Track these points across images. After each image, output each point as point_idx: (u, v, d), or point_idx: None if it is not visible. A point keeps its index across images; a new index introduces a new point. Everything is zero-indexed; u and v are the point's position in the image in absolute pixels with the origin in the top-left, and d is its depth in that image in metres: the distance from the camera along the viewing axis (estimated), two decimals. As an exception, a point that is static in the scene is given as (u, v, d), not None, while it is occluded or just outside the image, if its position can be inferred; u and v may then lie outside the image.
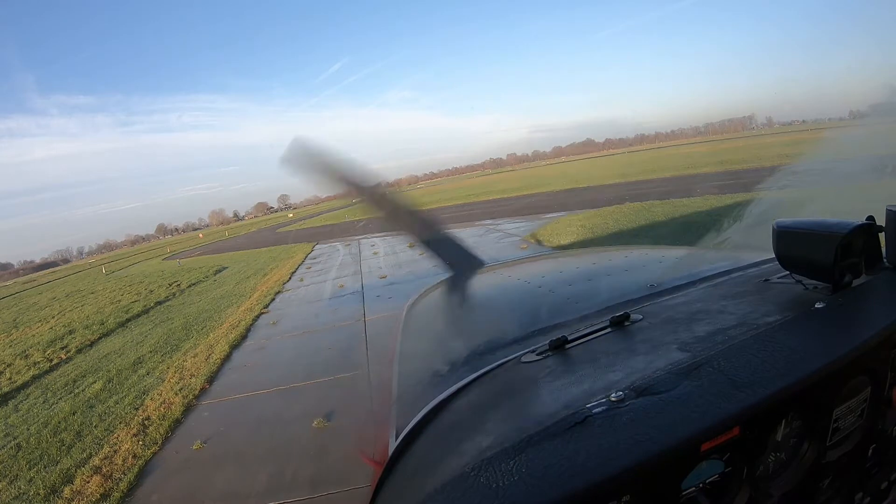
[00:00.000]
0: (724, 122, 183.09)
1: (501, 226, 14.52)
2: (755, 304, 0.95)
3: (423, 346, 1.48)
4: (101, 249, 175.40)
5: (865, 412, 0.78)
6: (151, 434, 4.33)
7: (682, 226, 9.40)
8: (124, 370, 6.66)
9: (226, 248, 31.21)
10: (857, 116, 3.28)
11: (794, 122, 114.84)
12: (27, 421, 5.44)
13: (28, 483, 3.90)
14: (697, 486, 0.64)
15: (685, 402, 0.65)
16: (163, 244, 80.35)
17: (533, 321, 1.20)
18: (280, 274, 12.92)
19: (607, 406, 0.67)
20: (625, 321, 0.99)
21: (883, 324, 0.78)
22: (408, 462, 0.80)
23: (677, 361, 0.76)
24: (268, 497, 3.13)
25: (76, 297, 18.25)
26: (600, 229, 10.63)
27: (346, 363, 5.16)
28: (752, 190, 8.86)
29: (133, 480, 3.65)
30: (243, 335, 7.22)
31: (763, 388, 0.66)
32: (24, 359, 8.61)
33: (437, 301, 1.86)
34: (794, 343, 0.75)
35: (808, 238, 0.91)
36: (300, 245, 20.84)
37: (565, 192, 22.77)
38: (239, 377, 5.60)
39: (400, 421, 0.94)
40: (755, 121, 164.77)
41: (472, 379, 0.93)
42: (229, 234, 56.10)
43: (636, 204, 13.46)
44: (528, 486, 0.56)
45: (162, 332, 8.60)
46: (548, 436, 0.64)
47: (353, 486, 3.01)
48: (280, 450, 3.70)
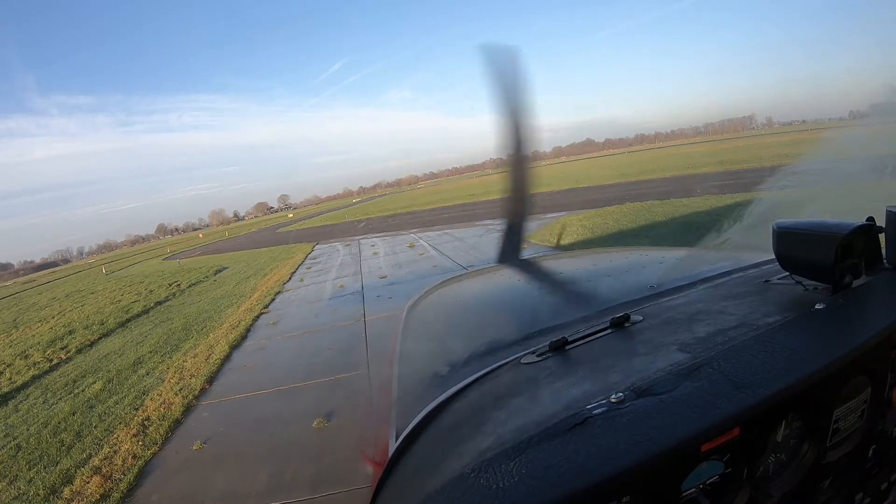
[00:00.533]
0: (724, 122, 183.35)
1: (502, 226, 14.49)
2: (755, 304, 0.95)
3: (423, 346, 1.48)
4: (101, 249, 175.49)
5: (866, 413, 0.78)
6: (151, 434, 4.33)
7: (682, 226, 9.40)
8: (124, 370, 6.67)
9: (226, 248, 31.23)
10: (857, 116, 3.28)
11: (794, 122, 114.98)
12: (27, 421, 5.44)
13: (28, 483, 3.90)
14: (697, 487, 0.64)
15: (685, 403, 0.65)
16: (163, 244, 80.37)
17: (533, 322, 1.19)
18: (280, 274, 12.92)
19: (607, 407, 0.67)
20: (625, 322, 0.99)
21: (883, 324, 0.78)
22: (408, 463, 0.80)
23: (677, 362, 0.76)
24: (268, 497, 3.13)
25: (76, 297, 18.25)
26: (600, 229, 10.63)
27: (346, 363, 5.16)
28: (751, 190, 8.87)
29: (133, 481, 3.65)
30: (243, 335, 7.22)
31: (763, 388, 0.66)
32: (23, 359, 8.61)
33: (437, 301, 1.86)
34: (794, 344, 0.75)
35: (808, 238, 0.91)
36: (300, 245, 20.84)
37: (565, 192, 22.76)
38: (239, 377, 5.60)
39: (400, 421, 0.94)
40: (755, 121, 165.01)
41: (473, 380, 0.93)
42: (229, 234, 56.12)
43: (636, 204, 13.46)
44: (528, 486, 0.56)
45: (162, 333, 8.60)
46: (548, 437, 0.64)
47: (353, 486, 3.01)
48: (280, 450, 3.70)
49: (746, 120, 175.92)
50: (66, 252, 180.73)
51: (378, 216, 31.77)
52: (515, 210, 1.30)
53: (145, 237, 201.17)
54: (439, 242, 13.13)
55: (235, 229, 77.96)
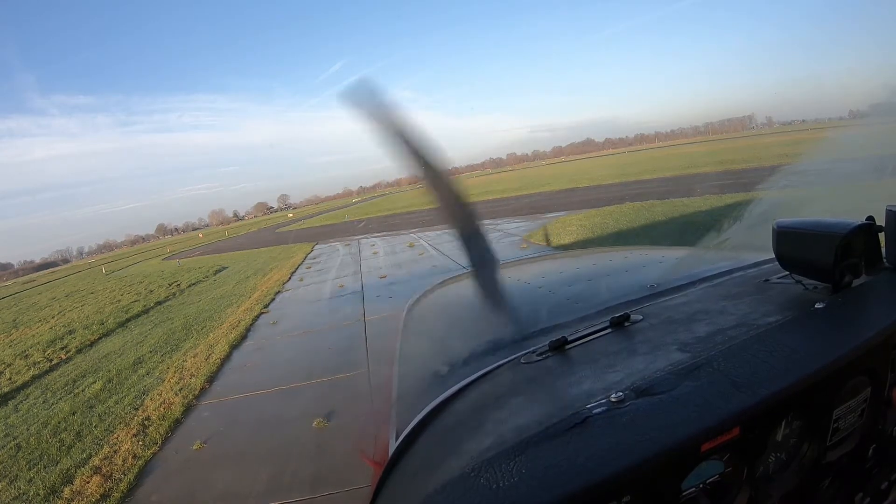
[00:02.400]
0: (724, 122, 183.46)
1: (501, 226, 14.50)
2: (755, 304, 0.95)
3: (423, 346, 1.48)
4: (101, 249, 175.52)
5: (865, 412, 0.78)
6: (151, 434, 4.33)
7: (682, 225, 9.40)
8: (124, 370, 6.66)
9: (226, 248, 31.22)
10: (857, 116, 3.28)
11: (794, 121, 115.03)
12: (27, 421, 5.43)
13: (28, 483, 3.90)
14: (698, 487, 0.64)
15: (685, 403, 0.65)
16: (163, 244, 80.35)
17: (533, 322, 1.19)
18: (280, 274, 12.92)
19: (607, 406, 0.67)
20: (625, 322, 0.99)
21: (883, 324, 0.78)
22: (408, 462, 0.80)
23: (677, 362, 0.76)
24: (268, 497, 3.13)
25: (76, 297, 18.25)
26: (600, 229, 10.63)
27: (346, 363, 5.16)
28: (751, 190, 8.87)
29: (133, 481, 3.65)
30: (243, 335, 7.22)
31: (763, 388, 0.66)
32: (23, 359, 8.61)
33: (437, 301, 1.86)
34: (794, 343, 0.75)
35: (807, 238, 0.91)
36: (300, 245, 20.84)
37: (565, 192, 22.77)
38: (239, 377, 5.60)
39: (400, 421, 0.94)
40: (755, 120, 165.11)
41: (473, 379, 0.93)
42: (229, 234, 56.11)
43: (636, 204, 13.46)
44: (529, 486, 0.56)
45: (162, 332, 8.59)
46: (548, 436, 0.64)
47: (353, 486, 3.01)
48: (280, 450, 3.70)
49: (746, 120, 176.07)
50: (65, 252, 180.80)
51: (378, 216, 31.75)
52: (462, 220, 1.29)
53: (145, 237, 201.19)
54: (439, 242, 13.12)
55: (235, 229, 77.94)
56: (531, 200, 21.83)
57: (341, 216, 41.39)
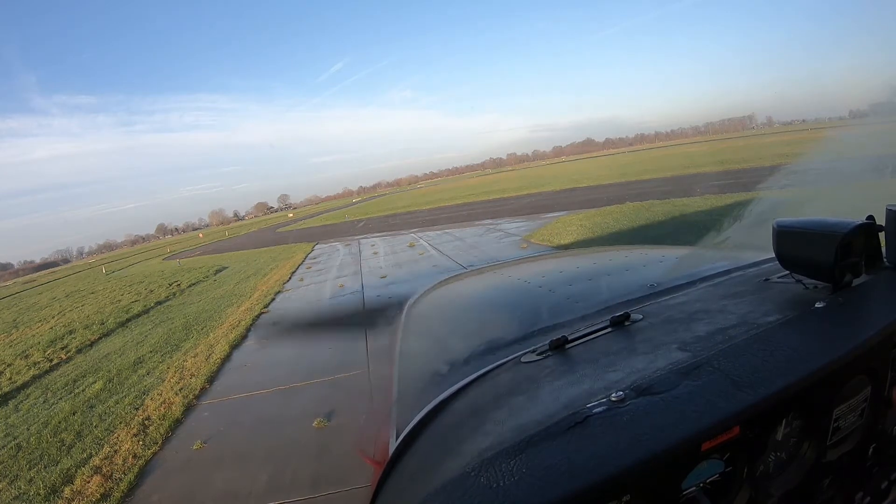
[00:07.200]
0: (724, 122, 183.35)
1: (502, 225, 14.51)
2: (755, 303, 0.95)
3: (423, 346, 1.47)
4: (101, 249, 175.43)
5: (865, 412, 0.78)
6: (151, 434, 4.33)
7: (682, 225, 9.40)
8: (124, 370, 6.66)
9: (226, 248, 31.20)
10: (857, 116, 3.28)
11: (795, 121, 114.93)
12: (27, 421, 5.44)
13: (28, 483, 3.90)
14: (698, 486, 0.64)
15: (685, 402, 0.65)
16: (163, 244, 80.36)
17: (533, 321, 1.19)
18: (280, 274, 12.92)
19: (607, 406, 0.67)
20: (625, 321, 0.99)
21: (883, 323, 0.78)
22: (408, 462, 0.80)
23: (677, 361, 0.76)
24: (268, 497, 3.13)
25: (76, 297, 18.24)
26: (600, 228, 10.63)
27: (346, 363, 5.16)
28: (752, 189, 8.87)
29: (133, 480, 3.65)
30: (243, 335, 7.22)
31: (763, 387, 0.66)
32: (24, 359, 8.61)
33: (437, 301, 1.86)
34: (794, 343, 0.75)
35: (808, 237, 0.91)
36: (300, 245, 20.84)
37: (565, 192, 22.77)
38: (239, 377, 5.60)
39: (400, 421, 0.94)
40: (755, 120, 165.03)
41: (473, 379, 0.93)
42: (229, 234, 56.10)
43: (636, 203, 13.46)
44: (529, 486, 0.56)
45: (162, 332, 8.59)
46: (548, 436, 0.64)
47: (353, 486, 3.01)
48: (280, 450, 3.70)
49: (746, 119, 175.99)
50: (66, 252, 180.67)
51: (378, 216, 31.76)
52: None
53: (145, 237, 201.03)
54: (439, 242, 13.13)
55: (235, 229, 77.95)
56: (531, 200, 21.82)
57: (341, 216, 41.39)
